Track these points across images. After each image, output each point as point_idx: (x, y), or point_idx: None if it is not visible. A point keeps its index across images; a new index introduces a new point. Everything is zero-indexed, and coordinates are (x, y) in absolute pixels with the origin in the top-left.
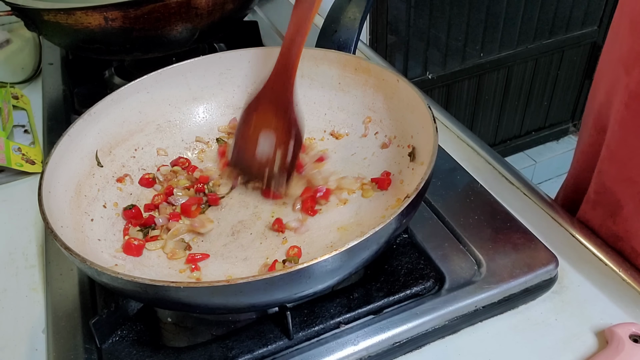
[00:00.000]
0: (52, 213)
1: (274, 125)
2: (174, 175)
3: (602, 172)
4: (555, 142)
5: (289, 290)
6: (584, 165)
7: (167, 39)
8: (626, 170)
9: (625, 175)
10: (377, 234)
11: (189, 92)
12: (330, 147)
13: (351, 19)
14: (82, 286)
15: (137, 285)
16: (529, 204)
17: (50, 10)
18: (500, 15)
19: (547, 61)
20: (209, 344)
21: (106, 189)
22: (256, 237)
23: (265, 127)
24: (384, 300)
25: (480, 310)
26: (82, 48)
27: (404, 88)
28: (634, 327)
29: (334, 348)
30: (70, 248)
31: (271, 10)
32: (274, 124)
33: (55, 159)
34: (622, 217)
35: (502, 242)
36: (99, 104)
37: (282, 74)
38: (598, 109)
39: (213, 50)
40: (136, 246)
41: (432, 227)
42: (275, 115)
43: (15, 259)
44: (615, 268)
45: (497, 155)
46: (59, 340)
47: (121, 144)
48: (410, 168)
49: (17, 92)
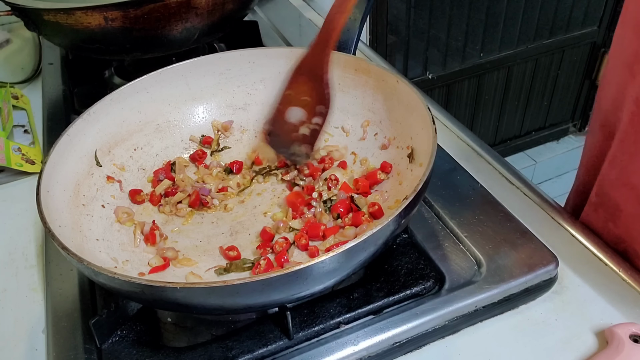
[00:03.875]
0: (50, 213)
1: (309, 94)
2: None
3: (603, 176)
4: (555, 142)
5: (286, 291)
6: (592, 170)
7: (167, 39)
8: (625, 176)
9: (624, 180)
10: (375, 235)
11: (188, 92)
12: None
13: (351, 19)
14: (82, 286)
15: (134, 286)
16: (529, 204)
17: (50, 10)
18: (500, 15)
19: (547, 61)
20: (209, 344)
21: (105, 188)
22: (255, 238)
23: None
24: (384, 300)
25: (480, 310)
26: (82, 48)
27: (404, 89)
28: (634, 327)
29: (334, 348)
30: (68, 248)
31: (271, 10)
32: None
33: (54, 158)
34: (622, 221)
35: (502, 242)
36: (98, 104)
37: (321, 46)
38: (605, 114)
39: (213, 50)
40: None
41: (432, 227)
42: (311, 82)
43: (15, 259)
44: (616, 268)
45: (497, 155)
46: (59, 340)
47: (120, 144)
48: (409, 169)
49: (17, 92)
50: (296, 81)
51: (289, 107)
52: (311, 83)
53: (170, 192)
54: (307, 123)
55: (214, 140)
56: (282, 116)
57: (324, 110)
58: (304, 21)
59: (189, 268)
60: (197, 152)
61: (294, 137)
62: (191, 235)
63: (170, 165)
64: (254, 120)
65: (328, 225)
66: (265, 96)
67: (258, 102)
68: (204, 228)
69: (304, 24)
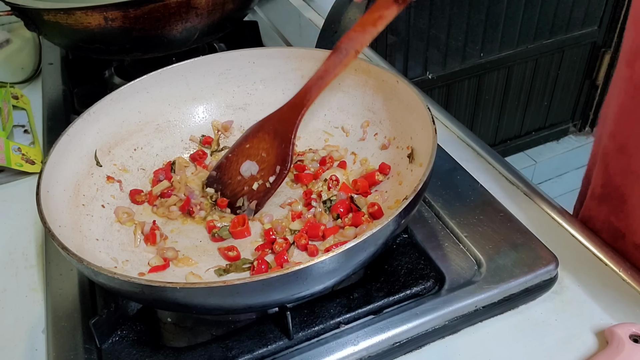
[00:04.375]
0: (50, 212)
1: (268, 152)
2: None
3: (608, 166)
4: (555, 142)
5: (286, 291)
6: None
7: (167, 39)
8: (633, 163)
9: (632, 168)
10: (375, 235)
11: (188, 92)
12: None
13: (351, 19)
14: (82, 286)
15: (133, 286)
16: (529, 204)
17: (50, 10)
18: (500, 15)
19: (547, 61)
20: (209, 344)
21: (105, 188)
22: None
23: (261, 150)
24: (384, 300)
25: (480, 310)
26: (82, 48)
27: (404, 89)
28: (634, 327)
29: (334, 348)
30: (68, 248)
31: (271, 10)
32: (268, 151)
33: (54, 158)
34: (625, 212)
35: (502, 242)
36: (98, 104)
37: (294, 109)
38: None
39: (213, 50)
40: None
41: (432, 227)
42: (275, 141)
43: (15, 259)
44: (615, 268)
45: (497, 155)
46: (59, 340)
47: (120, 144)
48: (409, 169)
49: (17, 92)
50: (258, 137)
51: (245, 160)
52: (275, 142)
53: (166, 194)
54: (260, 180)
55: (214, 140)
56: (234, 167)
57: (282, 170)
58: (304, 21)
59: (189, 268)
60: (197, 153)
61: (245, 191)
62: (191, 235)
63: (171, 165)
64: (254, 120)
65: (328, 226)
66: (265, 96)
67: (258, 102)
68: (204, 228)
69: (304, 24)
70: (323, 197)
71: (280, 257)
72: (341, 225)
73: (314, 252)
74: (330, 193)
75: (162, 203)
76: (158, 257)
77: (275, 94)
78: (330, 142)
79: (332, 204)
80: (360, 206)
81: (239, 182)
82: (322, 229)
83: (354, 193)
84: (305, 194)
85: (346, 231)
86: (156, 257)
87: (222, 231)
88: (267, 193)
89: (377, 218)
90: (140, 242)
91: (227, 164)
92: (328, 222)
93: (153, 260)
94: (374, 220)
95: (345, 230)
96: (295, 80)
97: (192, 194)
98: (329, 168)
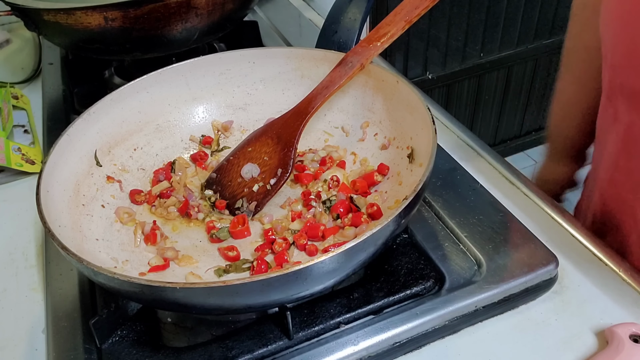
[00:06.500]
0: (50, 212)
1: (270, 155)
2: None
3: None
4: None
5: (286, 291)
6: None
7: (167, 39)
8: (624, 193)
9: (623, 197)
10: (375, 235)
11: (188, 92)
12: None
13: (351, 19)
14: (82, 286)
15: (133, 286)
16: (529, 204)
17: (50, 10)
18: (500, 15)
19: (547, 61)
20: (209, 344)
21: (105, 188)
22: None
23: (263, 153)
24: (384, 300)
25: (480, 310)
26: (82, 48)
27: (404, 89)
28: (634, 327)
29: (334, 348)
30: (67, 247)
31: (271, 10)
32: (270, 154)
33: (53, 158)
34: (622, 234)
35: (502, 242)
36: (98, 104)
37: (298, 116)
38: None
39: (213, 50)
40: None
41: (432, 227)
42: (278, 145)
43: (15, 259)
44: (615, 268)
45: (497, 155)
46: (59, 340)
47: (120, 144)
48: (409, 169)
49: (17, 92)
50: (261, 141)
51: (247, 162)
52: (278, 146)
53: (165, 194)
54: (260, 182)
55: (214, 140)
56: (235, 169)
57: (283, 173)
58: (304, 21)
59: (189, 268)
60: (198, 154)
61: (244, 193)
62: (191, 236)
63: (171, 165)
64: (254, 120)
65: (328, 226)
66: (265, 96)
67: (258, 102)
68: (204, 228)
69: (304, 24)
70: (323, 198)
71: (280, 257)
72: (341, 225)
73: (314, 252)
74: (330, 193)
75: (160, 204)
76: (158, 257)
77: (275, 94)
78: (330, 143)
79: (331, 204)
80: (360, 206)
81: (239, 184)
82: (321, 229)
83: (354, 193)
84: (305, 194)
85: (346, 231)
86: (156, 257)
87: (221, 232)
88: (267, 195)
89: (376, 218)
90: (140, 242)
91: (227, 166)
92: (328, 223)
93: (153, 260)
94: (373, 220)
95: (345, 230)
96: (295, 80)
97: (191, 196)
98: (329, 168)
